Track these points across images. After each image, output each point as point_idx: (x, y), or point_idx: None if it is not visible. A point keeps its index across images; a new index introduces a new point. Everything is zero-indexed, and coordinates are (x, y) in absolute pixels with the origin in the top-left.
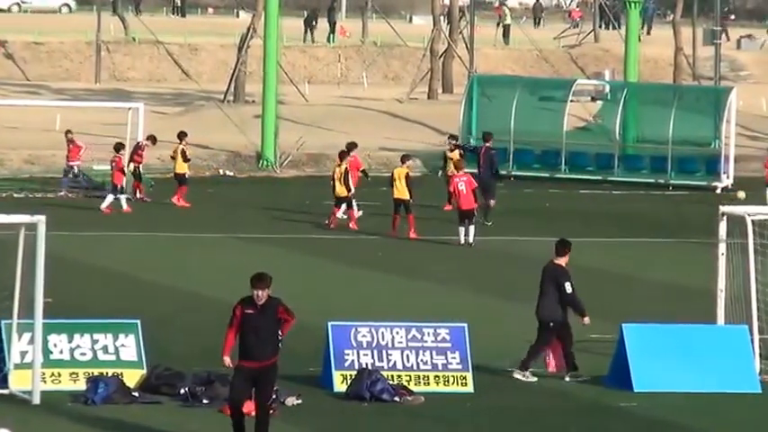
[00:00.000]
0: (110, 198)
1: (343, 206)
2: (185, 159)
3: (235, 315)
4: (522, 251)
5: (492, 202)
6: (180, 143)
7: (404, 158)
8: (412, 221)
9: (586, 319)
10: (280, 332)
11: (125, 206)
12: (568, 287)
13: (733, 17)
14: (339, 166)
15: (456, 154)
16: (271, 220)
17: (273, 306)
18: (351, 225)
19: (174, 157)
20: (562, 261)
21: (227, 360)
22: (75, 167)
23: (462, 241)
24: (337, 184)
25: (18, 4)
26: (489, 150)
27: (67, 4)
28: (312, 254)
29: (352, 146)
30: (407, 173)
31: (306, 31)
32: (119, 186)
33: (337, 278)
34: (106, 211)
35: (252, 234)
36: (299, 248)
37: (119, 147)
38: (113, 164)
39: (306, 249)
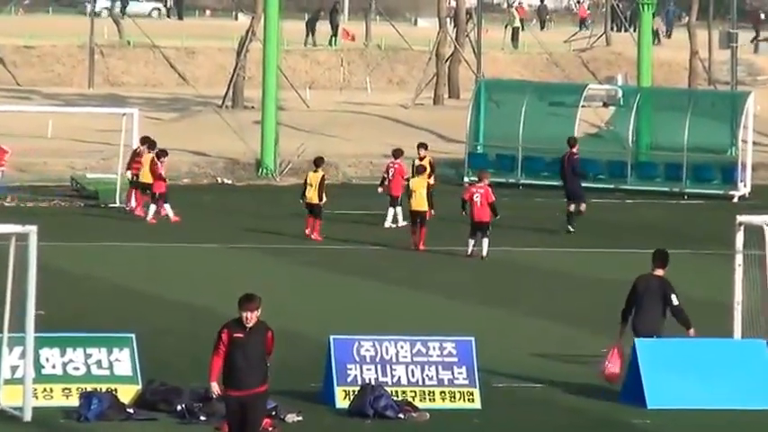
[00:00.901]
0: (153, 208)
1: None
2: (152, 170)
3: (221, 340)
4: (531, 262)
5: (583, 206)
6: (149, 152)
7: (419, 170)
8: (423, 234)
9: (692, 331)
10: (268, 360)
11: (172, 215)
12: (675, 299)
13: (764, 16)
14: (315, 172)
15: (426, 162)
16: (270, 230)
17: (263, 330)
18: (315, 236)
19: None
20: (662, 273)
21: (215, 387)
22: (0, 172)
23: (470, 252)
24: (310, 190)
25: (108, 9)
26: (573, 156)
27: (158, 8)
28: (312, 264)
29: (398, 152)
30: (428, 183)
31: (307, 34)
32: (158, 194)
33: (339, 290)
34: (152, 222)
35: (250, 244)
36: (298, 259)
37: (160, 153)
38: (155, 170)
39: (306, 260)
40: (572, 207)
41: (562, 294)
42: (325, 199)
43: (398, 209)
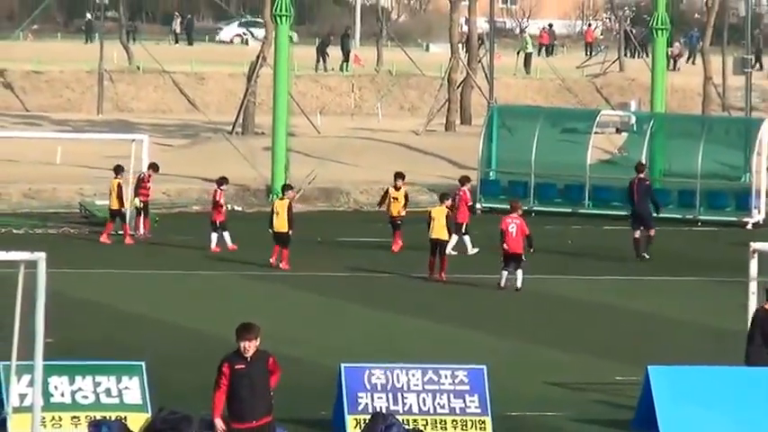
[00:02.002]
0: (215, 237)
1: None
2: (120, 195)
3: (222, 374)
4: (544, 290)
5: (652, 232)
6: (116, 178)
7: (443, 197)
8: (445, 263)
9: None
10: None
11: (230, 243)
12: None
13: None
14: (281, 199)
15: (402, 194)
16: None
17: (264, 358)
18: (283, 265)
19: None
20: None
21: (219, 424)
22: None
23: (503, 284)
24: (277, 218)
25: (240, 35)
26: (644, 181)
27: (240, 35)
28: (323, 292)
29: (465, 180)
30: (448, 212)
31: (318, 60)
32: (218, 223)
33: (350, 317)
34: (215, 250)
35: (259, 272)
36: (308, 287)
37: (221, 181)
38: (213, 198)
39: (316, 287)
40: (637, 234)
41: (575, 322)
42: (292, 228)
43: (466, 237)
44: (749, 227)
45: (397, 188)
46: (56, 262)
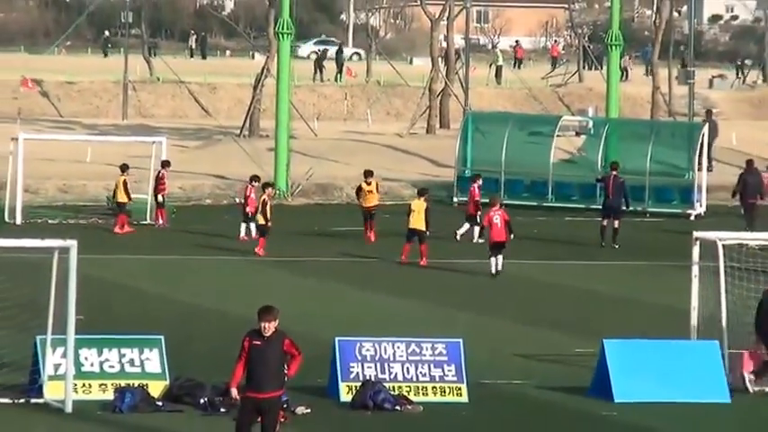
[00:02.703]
0: (244, 227)
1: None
2: (126, 190)
3: (243, 347)
4: (513, 273)
5: (617, 223)
6: (122, 175)
7: (421, 192)
8: (425, 251)
9: None
10: (286, 368)
11: (254, 233)
12: None
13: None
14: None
15: (373, 187)
16: (282, 244)
17: (280, 339)
18: (258, 250)
19: (116, 189)
20: None
21: (233, 392)
22: None
23: (494, 271)
24: (259, 215)
25: (315, 53)
26: (618, 178)
27: (359, 53)
28: (320, 275)
29: (476, 177)
30: (426, 206)
31: (315, 71)
32: (251, 214)
33: (343, 297)
34: (243, 239)
35: (266, 257)
36: (308, 270)
37: (253, 178)
38: (245, 193)
39: (314, 271)
40: (605, 222)
41: (540, 301)
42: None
43: (476, 228)
44: (692, 218)
45: (368, 183)
46: (86, 248)
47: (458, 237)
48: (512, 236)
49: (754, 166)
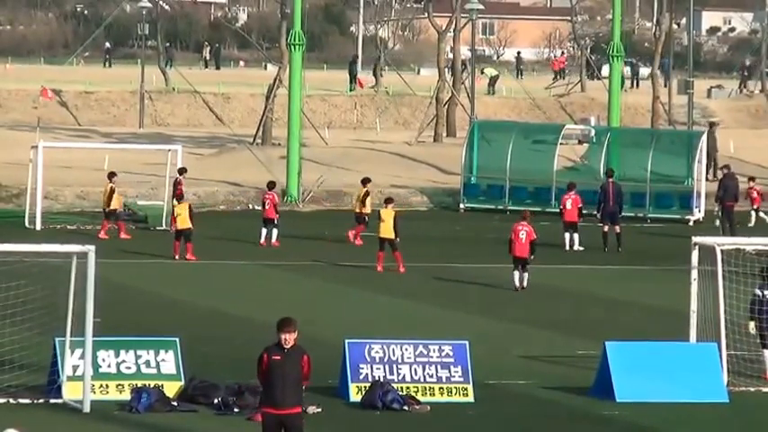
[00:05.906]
0: (275, 232)
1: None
2: (110, 197)
3: (262, 363)
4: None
5: (618, 228)
6: (110, 182)
7: (388, 201)
8: (399, 257)
9: None
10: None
11: (274, 239)
12: None
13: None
14: (180, 203)
15: (364, 192)
16: (294, 249)
17: (299, 353)
18: (188, 255)
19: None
20: None
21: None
22: None
23: (517, 286)
24: (179, 218)
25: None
26: (615, 184)
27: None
28: (331, 279)
29: (572, 186)
30: (395, 214)
31: (351, 81)
32: (276, 220)
33: (352, 300)
34: (275, 244)
35: (278, 261)
36: (318, 274)
37: (271, 185)
38: (267, 200)
39: (324, 275)
40: (606, 228)
41: (543, 304)
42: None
43: (575, 235)
44: (691, 223)
45: (367, 192)
46: (103, 253)
47: (575, 248)
48: (532, 257)
49: (731, 171)
